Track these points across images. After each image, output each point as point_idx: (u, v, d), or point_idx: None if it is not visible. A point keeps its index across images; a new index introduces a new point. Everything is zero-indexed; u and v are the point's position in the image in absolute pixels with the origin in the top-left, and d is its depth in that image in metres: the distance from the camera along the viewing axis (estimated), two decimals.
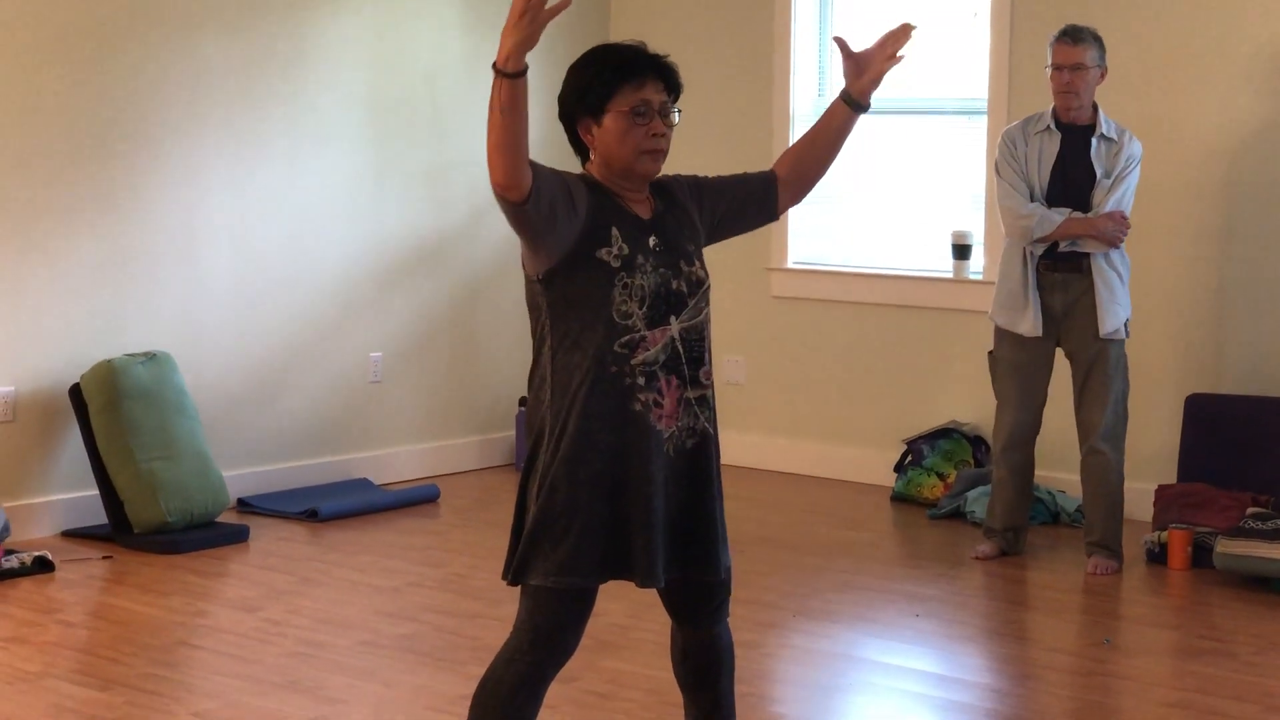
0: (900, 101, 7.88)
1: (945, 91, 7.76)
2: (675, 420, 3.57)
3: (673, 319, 3.57)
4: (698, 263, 3.66)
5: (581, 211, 3.49)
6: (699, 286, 3.63)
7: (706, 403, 3.64)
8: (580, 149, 3.62)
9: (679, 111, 3.60)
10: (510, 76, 3.24)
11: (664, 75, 3.56)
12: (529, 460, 3.60)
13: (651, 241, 3.58)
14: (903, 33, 3.72)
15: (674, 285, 3.58)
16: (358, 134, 7.54)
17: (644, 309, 3.52)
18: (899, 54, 3.72)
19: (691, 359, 3.60)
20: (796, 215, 7.97)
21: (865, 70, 3.72)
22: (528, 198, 3.38)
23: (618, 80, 3.51)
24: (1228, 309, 6.95)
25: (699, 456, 3.64)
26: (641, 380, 3.53)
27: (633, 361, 3.52)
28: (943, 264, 7.64)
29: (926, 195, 7.79)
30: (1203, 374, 6.98)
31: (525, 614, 3.54)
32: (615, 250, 3.52)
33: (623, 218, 3.56)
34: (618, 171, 3.56)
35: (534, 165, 3.39)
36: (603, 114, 3.53)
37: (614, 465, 3.52)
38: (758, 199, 3.80)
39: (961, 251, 7.51)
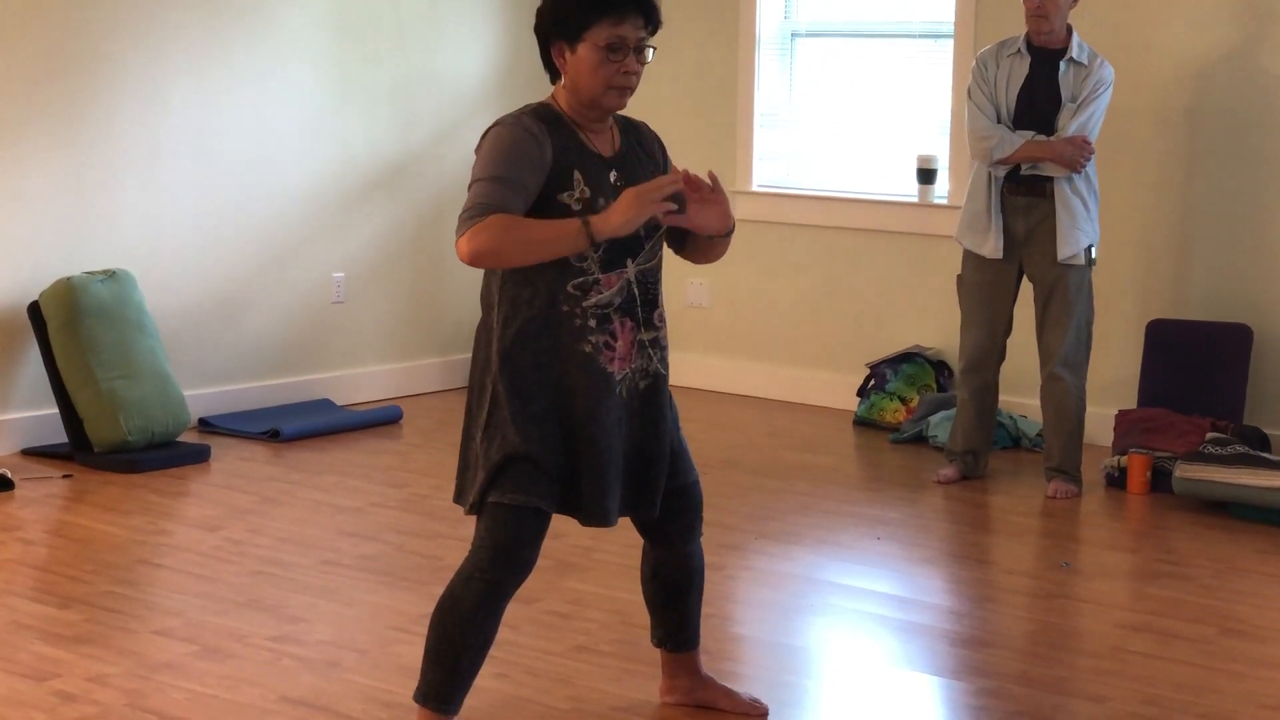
0: (866, 24, 7.84)
1: (912, 14, 7.71)
2: (629, 362, 3.58)
3: (629, 262, 3.56)
4: None
5: (549, 158, 3.47)
6: (655, 229, 3.62)
7: (659, 344, 3.65)
8: (550, 67, 3.60)
9: (653, 49, 3.57)
10: (592, 241, 3.37)
11: (644, 10, 3.53)
12: (476, 390, 3.59)
13: (613, 177, 3.56)
14: (702, 181, 3.57)
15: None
16: (322, 51, 7.46)
17: (599, 252, 3.51)
18: (711, 192, 3.57)
19: (647, 301, 3.60)
20: (761, 139, 7.95)
21: (704, 223, 3.59)
22: None
23: (598, 13, 3.48)
24: (1191, 234, 6.95)
25: (651, 397, 3.65)
26: (593, 322, 3.52)
27: (585, 304, 3.51)
28: (908, 188, 7.62)
29: (892, 119, 7.76)
30: (1164, 300, 7.00)
31: (484, 532, 3.55)
32: (577, 194, 3.50)
33: (585, 157, 3.54)
34: (584, 101, 3.54)
35: (525, 188, 3.42)
36: (578, 42, 3.50)
37: (562, 404, 3.53)
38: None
39: (927, 176, 7.50)
